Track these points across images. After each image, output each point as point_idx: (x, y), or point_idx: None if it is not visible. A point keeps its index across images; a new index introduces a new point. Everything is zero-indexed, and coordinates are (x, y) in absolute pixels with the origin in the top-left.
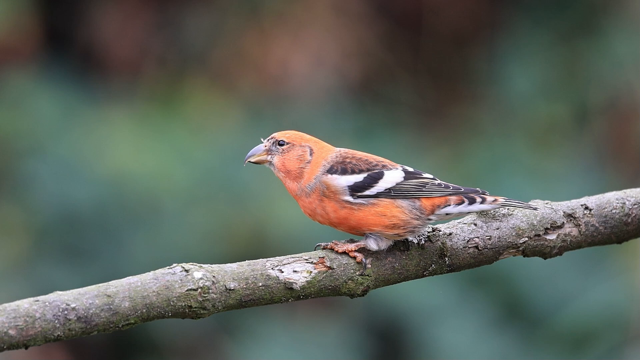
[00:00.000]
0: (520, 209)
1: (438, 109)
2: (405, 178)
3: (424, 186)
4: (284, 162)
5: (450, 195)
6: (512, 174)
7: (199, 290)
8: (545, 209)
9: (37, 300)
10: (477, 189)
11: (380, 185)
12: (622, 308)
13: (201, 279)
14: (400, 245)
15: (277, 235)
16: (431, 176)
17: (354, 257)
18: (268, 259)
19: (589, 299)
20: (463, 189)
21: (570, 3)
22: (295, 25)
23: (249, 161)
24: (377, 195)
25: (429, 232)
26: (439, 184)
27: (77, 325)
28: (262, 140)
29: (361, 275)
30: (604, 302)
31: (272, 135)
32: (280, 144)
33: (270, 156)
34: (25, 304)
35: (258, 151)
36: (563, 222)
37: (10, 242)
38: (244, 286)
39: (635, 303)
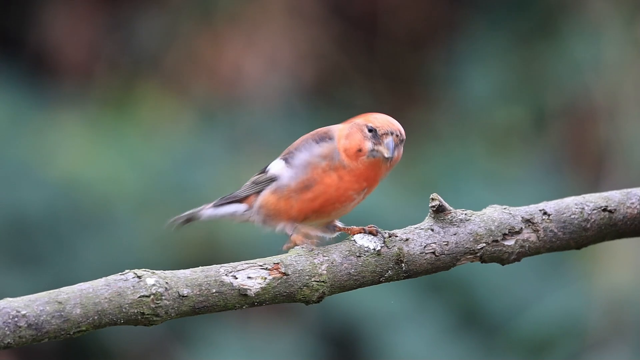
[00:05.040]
0: (477, 215)
1: (393, 112)
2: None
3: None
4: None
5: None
6: (470, 178)
7: (152, 296)
8: (504, 214)
9: None
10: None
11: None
12: (580, 315)
13: (154, 285)
14: (356, 251)
15: (230, 240)
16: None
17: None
18: (222, 265)
19: (547, 306)
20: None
21: (528, 5)
22: (249, 28)
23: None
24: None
25: (385, 238)
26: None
27: (27, 333)
28: (384, 135)
29: (317, 281)
30: (562, 309)
31: (397, 129)
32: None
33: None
34: None
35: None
36: (521, 228)
37: None
38: (198, 293)
39: (593, 310)
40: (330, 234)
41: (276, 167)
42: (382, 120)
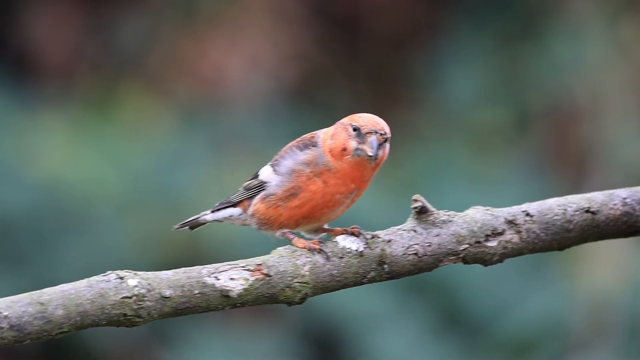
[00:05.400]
0: (460, 216)
1: (376, 113)
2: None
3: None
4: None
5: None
6: (452, 179)
7: (134, 298)
8: (486, 215)
9: None
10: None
11: None
12: (562, 316)
13: (136, 286)
14: (339, 252)
15: (213, 241)
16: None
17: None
18: (204, 266)
19: (530, 307)
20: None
21: (511, 6)
22: (231, 29)
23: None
24: None
25: (367, 239)
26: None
27: (9, 334)
28: (368, 134)
29: (299, 282)
30: (545, 310)
31: (381, 128)
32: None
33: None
34: None
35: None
36: (504, 229)
37: None
38: (180, 294)
39: (575, 311)
40: (316, 235)
41: (265, 173)
42: (366, 119)
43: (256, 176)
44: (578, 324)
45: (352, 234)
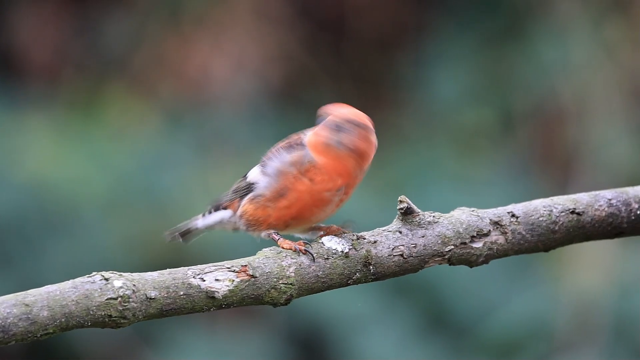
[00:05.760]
0: (445, 217)
1: None
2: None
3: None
4: None
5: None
6: (438, 180)
7: (119, 299)
8: (472, 216)
9: None
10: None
11: None
12: (548, 317)
13: (121, 287)
14: (324, 253)
15: (198, 242)
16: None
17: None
18: (189, 267)
19: (515, 308)
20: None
21: (496, 7)
22: (216, 30)
23: None
24: None
25: (353, 240)
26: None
27: None
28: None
29: (284, 284)
30: (530, 311)
31: (361, 121)
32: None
33: None
34: None
35: None
36: (489, 230)
37: None
38: (165, 295)
39: (561, 312)
40: (311, 235)
41: (253, 174)
42: (346, 112)
43: (245, 177)
44: (563, 325)
45: (344, 232)
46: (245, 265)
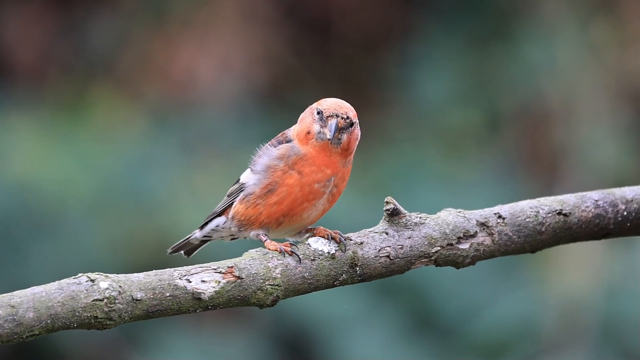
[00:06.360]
0: (432, 218)
1: None
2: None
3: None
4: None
5: None
6: (424, 181)
7: (105, 300)
8: (458, 217)
9: None
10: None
11: None
12: (534, 318)
13: (107, 289)
14: (311, 255)
15: None
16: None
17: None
18: (176, 268)
19: (501, 309)
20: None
21: (482, 8)
22: (202, 31)
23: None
24: None
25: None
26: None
27: None
28: (329, 117)
29: (271, 285)
30: (517, 312)
31: (343, 112)
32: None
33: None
34: None
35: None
36: (476, 231)
37: None
38: (151, 296)
39: (547, 313)
40: (299, 237)
41: (244, 175)
42: (330, 103)
43: (237, 180)
44: (550, 326)
45: (333, 238)
46: (232, 267)
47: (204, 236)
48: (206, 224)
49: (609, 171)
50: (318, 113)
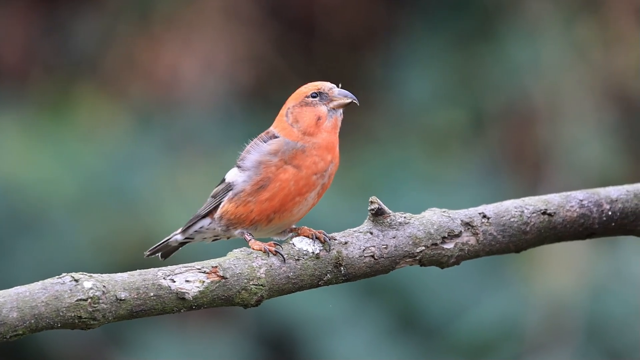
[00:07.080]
0: (416, 218)
1: None
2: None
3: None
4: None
5: None
6: (408, 181)
7: (89, 300)
8: (443, 217)
9: None
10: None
11: None
12: (519, 318)
13: (91, 288)
14: (295, 254)
15: None
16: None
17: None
18: (160, 268)
19: (486, 309)
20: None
21: (467, 7)
22: (186, 30)
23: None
24: None
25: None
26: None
27: None
28: (330, 89)
29: (255, 285)
30: (501, 312)
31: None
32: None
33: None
34: None
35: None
36: (461, 231)
37: None
38: (135, 296)
39: (532, 313)
40: (283, 236)
41: (231, 174)
42: (316, 83)
43: (222, 180)
44: (534, 327)
45: (317, 238)
46: (216, 267)
47: (186, 238)
48: (190, 226)
49: (593, 171)
50: (314, 96)
